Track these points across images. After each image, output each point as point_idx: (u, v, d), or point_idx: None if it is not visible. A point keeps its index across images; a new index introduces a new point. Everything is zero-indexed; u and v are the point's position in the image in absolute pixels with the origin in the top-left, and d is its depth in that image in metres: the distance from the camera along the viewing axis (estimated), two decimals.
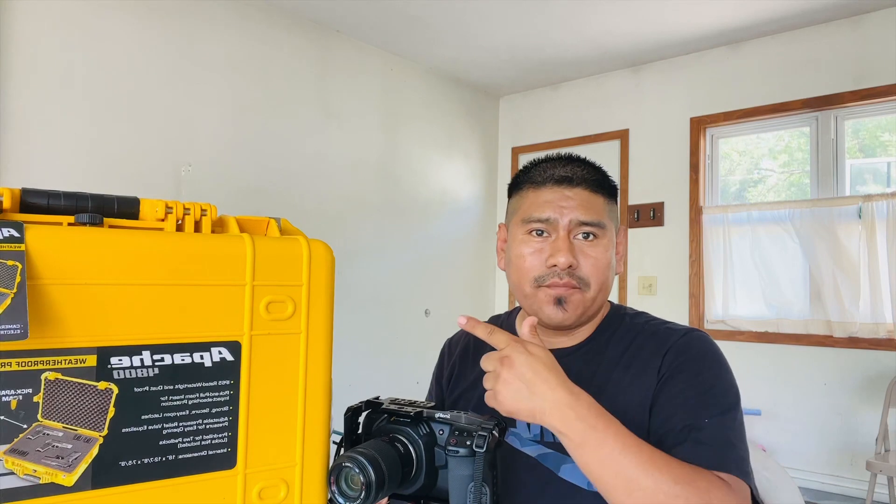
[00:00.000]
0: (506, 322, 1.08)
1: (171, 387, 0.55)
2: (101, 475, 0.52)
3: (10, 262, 0.47)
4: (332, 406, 0.67)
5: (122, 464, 0.52)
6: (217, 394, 0.57)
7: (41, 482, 0.49)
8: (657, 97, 4.17)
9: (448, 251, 4.48)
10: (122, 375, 0.53)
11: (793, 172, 3.87)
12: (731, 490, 0.74)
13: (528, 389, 0.71)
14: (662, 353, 0.89)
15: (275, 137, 3.47)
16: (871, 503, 2.79)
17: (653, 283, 4.11)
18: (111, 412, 0.52)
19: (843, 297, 3.40)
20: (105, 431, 0.52)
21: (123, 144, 2.90)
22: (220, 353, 0.57)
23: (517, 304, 1.08)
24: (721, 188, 4.04)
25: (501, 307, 4.78)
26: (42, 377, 0.50)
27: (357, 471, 0.66)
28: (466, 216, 4.64)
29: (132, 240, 0.54)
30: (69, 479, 0.50)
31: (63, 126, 2.73)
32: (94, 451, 0.51)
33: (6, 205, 0.56)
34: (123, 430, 0.52)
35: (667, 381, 0.86)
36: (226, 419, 0.57)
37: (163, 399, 0.54)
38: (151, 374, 0.54)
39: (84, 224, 0.57)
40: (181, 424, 0.55)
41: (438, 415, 0.73)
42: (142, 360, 0.54)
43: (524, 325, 0.77)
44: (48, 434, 0.50)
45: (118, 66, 2.88)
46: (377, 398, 0.79)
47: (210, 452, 0.56)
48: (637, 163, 4.22)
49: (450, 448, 0.71)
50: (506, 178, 4.75)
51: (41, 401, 0.50)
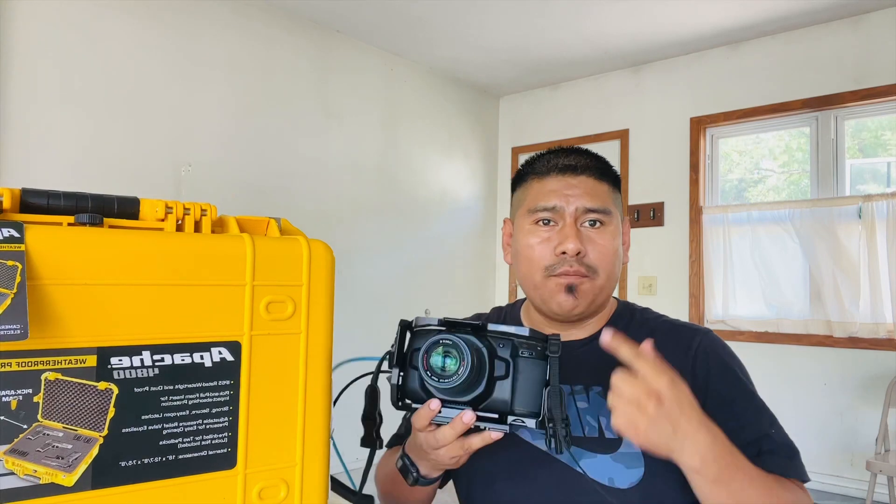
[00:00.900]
0: (509, 314, 1.07)
1: (171, 387, 0.55)
2: (102, 475, 0.52)
3: (10, 263, 0.47)
4: (332, 406, 0.67)
5: (123, 464, 0.53)
6: (217, 394, 0.57)
7: (41, 482, 0.49)
8: (657, 97, 4.17)
9: (448, 251, 4.48)
10: (122, 375, 0.53)
11: (793, 172, 3.88)
12: (807, 494, 0.81)
13: (673, 428, 0.69)
14: (691, 354, 0.90)
15: (275, 137, 3.47)
16: (871, 503, 2.79)
17: (653, 283, 4.11)
18: (111, 412, 0.52)
19: (843, 297, 3.40)
20: (105, 431, 0.52)
21: (123, 144, 2.90)
22: (220, 354, 0.57)
23: (520, 296, 1.08)
24: (721, 188, 4.04)
25: None
26: (42, 377, 0.50)
27: (462, 348, 0.68)
28: (466, 216, 4.64)
29: (132, 240, 0.54)
30: (69, 480, 0.50)
31: (63, 126, 2.73)
32: (94, 452, 0.51)
33: (6, 205, 0.56)
34: (123, 431, 0.53)
35: (710, 389, 0.88)
36: (226, 419, 0.57)
37: (163, 399, 0.54)
38: (151, 375, 0.54)
39: (84, 224, 0.57)
40: (181, 424, 0.55)
41: (500, 329, 0.73)
42: (142, 361, 0.54)
43: (646, 346, 0.72)
44: (48, 434, 0.50)
45: (118, 67, 2.89)
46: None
47: (210, 452, 0.56)
48: (637, 163, 4.22)
49: (523, 352, 0.72)
50: (506, 178, 4.75)
51: (41, 401, 0.50)
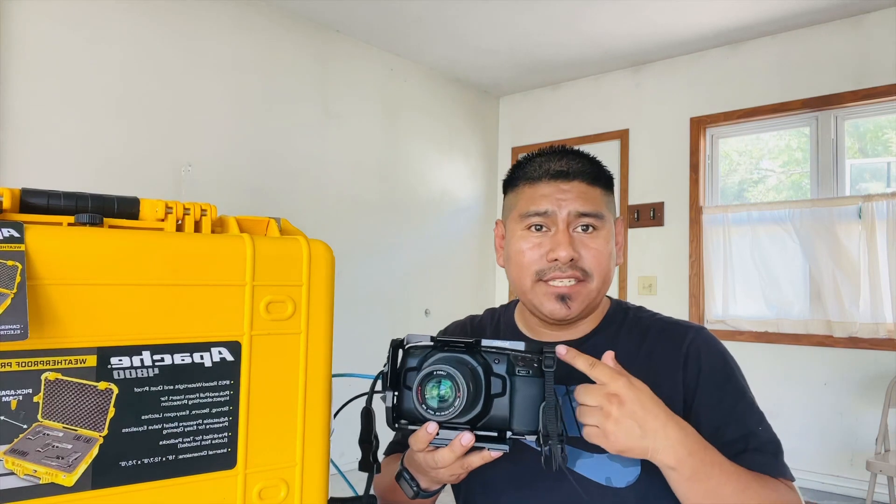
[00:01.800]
0: (503, 315, 1.06)
1: (171, 387, 0.55)
2: (102, 475, 0.52)
3: (10, 263, 0.47)
4: (332, 406, 0.67)
5: (123, 464, 0.53)
6: (217, 394, 0.57)
7: (41, 482, 0.49)
8: (657, 97, 4.17)
9: (448, 251, 4.48)
10: (122, 375, 0.53)
11: (793, 172, 3.88)
12: (795, 493, 0.81)
13: (640, 428, 0.70)
14: (682, 352, 0.90)
15: (275, 137, 3.47)
16: (871, 503, 2.79)
17: (653, 283, 4.11)
18: (111, 412, 0.52)
19: (843, 297, 3.40)
20: (105, 431, 0.52)
21: (123, 144, 2.90)
22: (220, 354, 0.57)
23: (514, 298, 1.07)
24: (721, 188, 4.04)
25: None
26: (42, 377, 0.50)
27: (457, 378, 0.67)
28: (466, 216, 4.64)
29: (132, 240, 0.54)
30: (69, 480, 0.50)
31: (63, 126, 2.73)
32: (95, 452, 0.51)
33: (6, 205, 0.56)
34: (123, 431, 0.52)
35: (700, 386, 0.88)
36: (226, 419, 0.57)
37: (163, 399, 0.54)
38: (151, 375, 0.54)
39: (84, 224, 0.57)
40: (181, 424, 0.55)
41: (494, 344, 0.73)
42: (142, 361, 0.54)
43: (607, 357, 0.75)
44: (48, 434, 0.50)
45: (118, 66, 2.89)
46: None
47: (210, 452, 0.56)
48: (637, 163, 4.22)
49: (519, 370, 0.72)
50: None
51: (41, 401, 0.50)
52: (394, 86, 4.13)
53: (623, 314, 0.98)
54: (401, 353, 0.75)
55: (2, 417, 0.48)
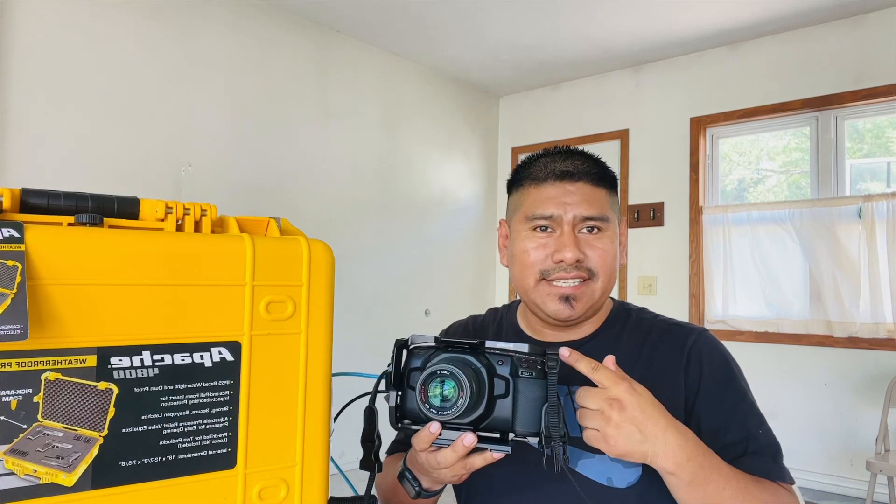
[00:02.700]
0: (505, 315, 1.06)
1: (171, 387, 0.55)
2: (102, 475, 0.52)
3: (10, 263, 0.47)
4: (332, 406, 0.67)
5: (123, 464, 0.53)
6: (217, 394, 0.57)
7: (41, 482, 0.49)
8: (657, 97, 4.17)
9: (448, 251, 4.48)
10: (122, 375, 0.53)
11: (793, 172, 3.87)
12: (794, 496, 0.82)
13: (640, 433, 0.71)
14: (684, 354, 0.90)
15: (275, 137, 3.47)
16: (871, 503, 2.79)
17: (653, 283, 4.11)
18: (111, 412, 0.52)
19: (843, 297, 3.40)
20: (105, 431, 0.52)
21: (123, 144, 2.90)
22: (220, 354, 0.57)
23: (516, 298, 1.07)
24: (721, 188, 4.04)
25: None
26: (42, 377, 0.50)
27: (461, 378, 0.67)
28: (466, 216, 4.64)
29: (132, 240, 0.54)
30: (69, 480, 0.50)
31: (63, 126, 2.73)
32: (95, 452, 0.51)
33: (6, 205, 0.56)
34: (123, 431, 0.52)
35: (702, 388, 0.88)
36: (226, 419, 0.57)
37: (163, 399, 0.54)
38: (151, 375, 0.54)
39: (84, 224, 0.57)
40: (181, 424, 0.55)
41: (498, 346, 0.73)
42: (142, 361, 0.54)
43: (608, 361, 0.75)
44: (48, 434, 0.50)
45: (118, 66, 2.89)
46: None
47: (210, 452, 0.56)
48: (637, 163, 4.22)
49: (522, 371, 0.72)
50: (506, 178, 4.74)
51: (41, 401, 0.50)
52: (394, 86, 4.13)
53: (625, 316, 0.98)
54: (405, 354, 0.76)
55: (2, 417, 0.48)
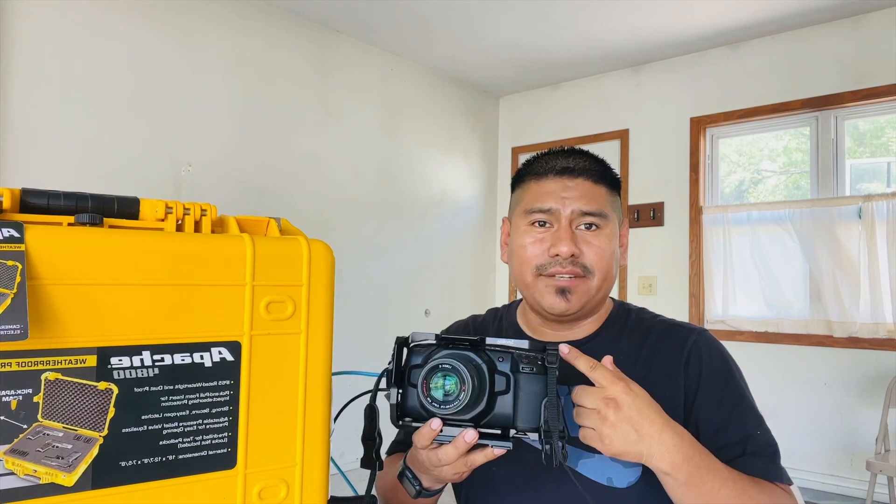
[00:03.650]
0: (505, 315, 1.06)
1: (171, 387, 0.55)
2: (102, 475, 0.52)
3: (10, 263, 0.47)
4: (333, 405, 0.67)
5: (123, 464, 0.53)
6: (217, 394, 0.57)
7: (41, 482, 0.49)
8: (657, 97, 4.17)
9: (448, 251, 4.48)
10: (122, 375, 0.53)
11: (793, 173, 3.88)
12: (792, 497, 0.82)
13: (637, 433, 0.71)
14: (684, 354, 0.90)
15: (275, 137, 3.47)
16: (871, 503, 2.79)
17: (653, 283, 4.11)
18: (111, 412, 0.52)
19: (843, 297, 3.40)
20: (105, 431, 0.52)
21: (123, 144, 2.90)
22: (220, 354, 0.57)
23: (516, 298, 1.07)
24: (721, 188, 4.05)
25: None
26: (42, 377, 0.50)
27: (462, 373, 0.67)
28: (466, 216, 4.64)
29: (132, 240, 0.54)
30: (69, 480, 0.50)
31: (63, 126, 2.73)
32: (95, 452, 0.51)
33: (6, 205, 0.56)
34: (123, 431, 0.52)
35: (701, 388, 0.88)
36: (226, 419, 0.57)
37: (163, 399, 0.54)
38: (151, 375, 0.54)
39: (84, 224, 0.57)
40: (181, 424, 0.55)
41: (498, 342, 0.73)
42: (142, 360, 0.54)
43: (605, 361, 0.75)
44: (48, 434, 0.50)
45: (118, 66, 2.89)
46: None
47: (210, 452, 0.56)
48: (637, 163, 4.22)
49: (523, 367, 0.72)
50: (506, 178, 4.75)
51: (41, 401, 0.50)
52: (394, 86, 4.13)
53: (625, 316, 0.99)
54: (405, 351, 0.76)
55: (2, 417, 0.48)
